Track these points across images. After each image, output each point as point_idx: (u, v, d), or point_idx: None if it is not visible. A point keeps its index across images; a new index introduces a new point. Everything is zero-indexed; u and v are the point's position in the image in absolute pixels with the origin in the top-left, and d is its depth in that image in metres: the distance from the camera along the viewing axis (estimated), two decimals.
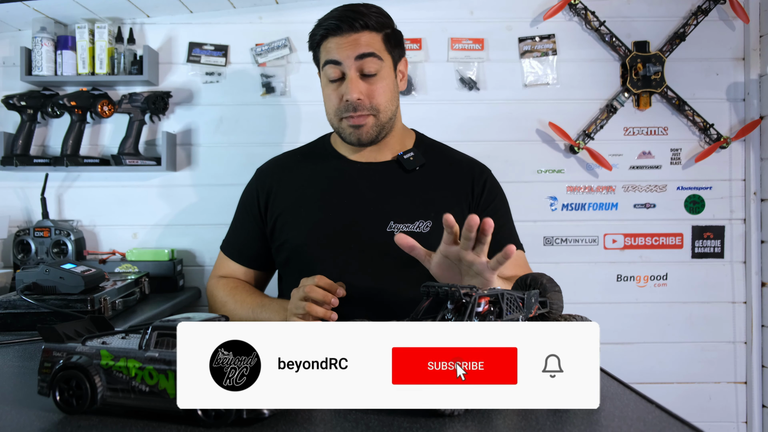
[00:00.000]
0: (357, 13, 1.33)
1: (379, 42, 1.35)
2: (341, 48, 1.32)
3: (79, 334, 0.75)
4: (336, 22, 1.32)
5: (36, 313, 1.25)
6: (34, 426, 0.67)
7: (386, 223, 1.35)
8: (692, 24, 2.09)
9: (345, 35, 1.32)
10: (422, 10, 2.10)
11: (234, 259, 1.49)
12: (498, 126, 2.10)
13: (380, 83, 1.34)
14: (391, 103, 1.38)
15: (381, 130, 1.38)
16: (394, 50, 1.39)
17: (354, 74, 1.32)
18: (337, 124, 1.38)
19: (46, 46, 1.95)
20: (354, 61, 1.32)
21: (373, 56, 1.33)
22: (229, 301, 1.40)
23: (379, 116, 1.36)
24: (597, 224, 2.14)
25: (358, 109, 1.33)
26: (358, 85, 1.32)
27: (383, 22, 1.36)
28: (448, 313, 0.81)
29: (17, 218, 2.07)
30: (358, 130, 1.35)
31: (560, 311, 0.89)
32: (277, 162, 1.53)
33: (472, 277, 1.07)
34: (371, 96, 1.34)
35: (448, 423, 0.66)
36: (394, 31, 1.39)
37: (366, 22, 1.32)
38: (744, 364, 2.14)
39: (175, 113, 2.10)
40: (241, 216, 1.51)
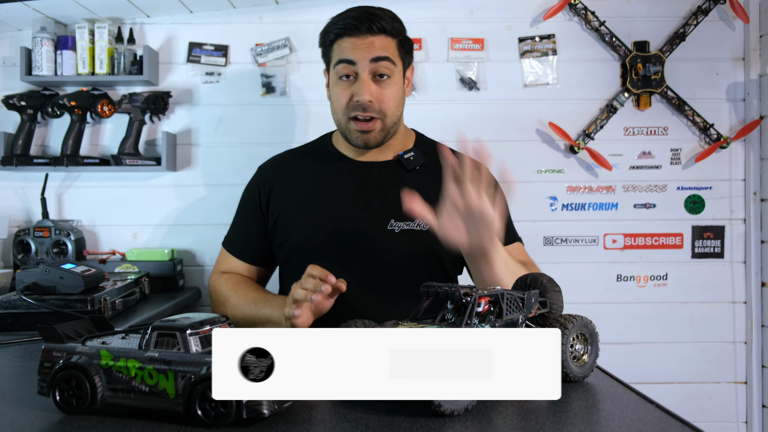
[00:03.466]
0: (375, 16, 1.33)
1: (394, 47, 1.36)
2: (357, 49, 1.33)
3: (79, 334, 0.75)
4: (354, 23, 1.33)
5: (36, 313, 1.25)
6: (34, 426, 0.67)
7: (387, 221, 1.36)
8: (692, 24, 2.09)
9: (362, 37, 1.33)
10: (422, 10, 2.10)
11: (235, 256, 1.50)
12: (498, 126, 2.10)
13: (391, 88, 1.36)
14: (398, 109, 1.40)
15: (387, 134, 1.39)
16: (406, 57, 1.41)
17: (367, 76, 1.33)
18: (345, 124, 1.38)
19: (46, 46, 1.95)
20: (369, 63, 1.33)
21: (388, 60, 1.34)
22: (232, 296, 1.41)
23: (386, 121, 1.36)
24: (597, 224, 2.14)
25: (367, 110, 1.33)
26: (370, 87, 1.33)
27: (399, 29, 1.38)
28: (448, 313, 0.81)
29: (17, 218, 2.07)
30: (366, 135, 1.36)
31: (560, 311, 0.89)
32: (279, 160, 1.53)
33: (477, 224, 1.06)
34: (381, 100, 1.34)
35: (448, 423, 0.66)
36: (406, 38, 1.41)
37: (384, 26, 1.33)
38: (744, 364, 2.14)
39: (175, 113, 2.10)
40: (243, 212, 1.51)
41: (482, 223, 1.06)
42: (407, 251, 1.35)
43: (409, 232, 1.35)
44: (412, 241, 1.35)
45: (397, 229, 1.35)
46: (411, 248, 1.35)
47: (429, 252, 1.36)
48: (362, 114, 1.34)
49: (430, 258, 1.37)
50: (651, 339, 2.13)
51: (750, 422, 2.13)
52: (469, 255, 1.16)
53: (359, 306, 1.28)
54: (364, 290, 1.31)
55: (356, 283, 1.26)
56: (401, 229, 1.35)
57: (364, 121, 1.35)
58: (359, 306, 1.28)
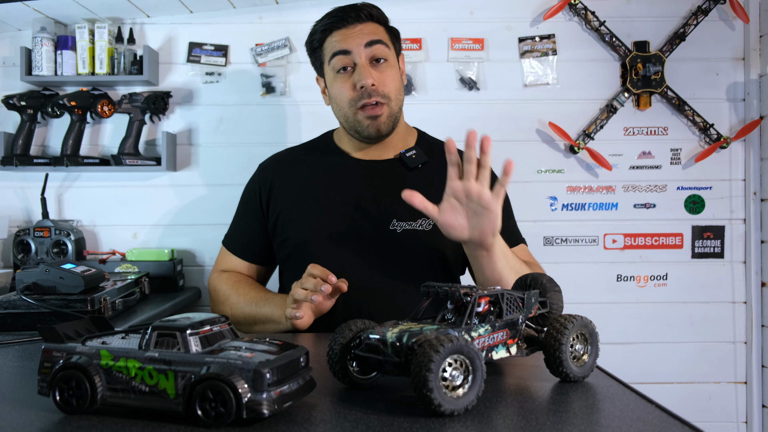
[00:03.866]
0: (359, 7, 1.36)
1: (384, 32, 1.38)
2: (349, 38, 1.34)
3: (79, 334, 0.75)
4: (340, 14, 1.35)
5: (36, 313, 1.25)
6: (34, 426, 0.67)
7: (389, 220, 1.35)
8: (692, 24, 2.09)
9: (351, 26, 1.34)
10: (422, 10, 2.10)
11: (235, 254, 1.49)
12: (498, 126, 2.10)
13: (390, 70, 1.36)
14: (400, 93, 1.40)
15: (394, 121, 1.39)
16: (396, 44, 1.42)
17: (365, 61, 1.34)
18: (353, 116, 1.36)
19: (46, 46, 1.95)
20: (364, 48, 1.33)
21: (382, 43, 1.35)
22: (232, 295, 1.40)
23: (391, 105, 1.36)
24: (597, 224, 2.14)
25: (372, 95, 1.33)
26: (370, 71, 1.34)
27: (384, 17, 1.40)
28: (448, 313, 0.81)
29: (17, 218, 2.07)
30: (376, 120, 1.35)
31: (560, 311, 0.89)
32: (280, 158, 1.53)
33: (479, 216, 1.08)
34: (382, 83, 1.34)
35: (448, 423, 0.66)
36: (392, 27, 1.43)
37: (371, 12, 1.36)
38: (744, 364, 2.14)
39: (175, 113, 2.10)
40: (243, 211, 1.51)
41: (483, 211, 1.06)
42: (409, 251, 1.35)
43: (411, 232, 1.35)
44: (413, 240, 1.35)
45: (399, 229, 1.35)
46: (413, 248, 1.35)
47: (431, 252, 1.36)
48: (368, 100, 1.33)
49: (432, 258, 1.36)
50: (651, 339, 2.13)
51: (750, 422, 2.13)
52: (470, 247, 1.16)
53: (360, 306, 1.28)
54: (365, 290, 1.30)
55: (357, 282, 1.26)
56: (403, 229, 1.35)
57: (371, 107, 1.34)
58: (360, 306, 1.28)
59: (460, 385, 0.68)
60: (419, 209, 1.12)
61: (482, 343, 0.77)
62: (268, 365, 0.64)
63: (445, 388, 0.67)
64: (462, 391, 0.68)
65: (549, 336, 0.80)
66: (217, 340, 0.70)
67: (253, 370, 0.63)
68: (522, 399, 0.75)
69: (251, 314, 1.33)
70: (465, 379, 0.68)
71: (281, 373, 0.66)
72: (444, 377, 0.67)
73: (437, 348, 0.65)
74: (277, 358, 0.66)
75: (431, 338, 0.68)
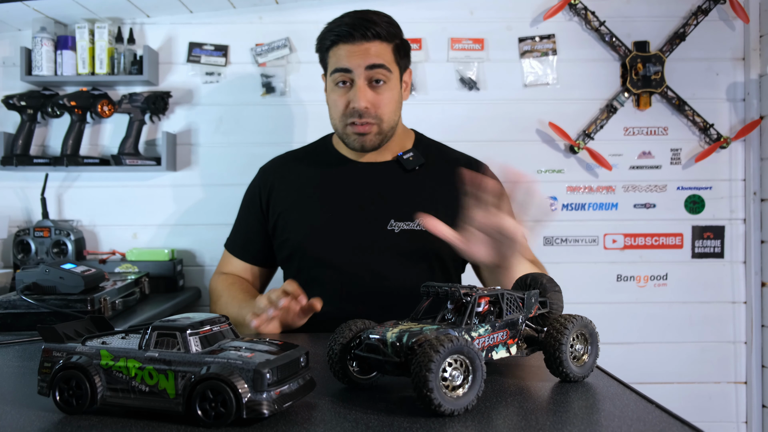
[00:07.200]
0: (370, 22, 1.33)
1: (389, 53, 1.36)
2: (352, 56, 1.33)
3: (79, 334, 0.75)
4: (348, 30, 1.33)
5: (36, 313, 1.25)
6: (34, 426, 0.67)
7: (387, 221, 1.36)
8: (692, 24, 2.09)
9: (357, 43, 1.33)
10: (422, 10, 2.10)
11: (237, 256, 1.51)
12: (498, 126, 2.10)
13: (387, 93, 1.36)
14: (395, 114, 1.40)
15: (383, 138, 1.40)
16: (402, 61, 1.41)
17: (362, 83, 1.34)
18: (342, 129, 1.39)
19: (46, 46, 1.95)
20: (364, 70, 1.33)
21: (383, 68, 1.34)
22: (224, 295, 1.43)
23: (382, 125, 1.37)
24: (597, 224, 2.14)
25: (363, 116, 1.34)
26: (366, 93, 1.34)
27: (394, 33, 1.37)
28: (448, 313, 0.81)
29: (17, 218, 2.07)
30: (363, 137, 1.37)
31: (560, 311, 0.89)
32: (280, 161, 1.54)
33: (502, 243, 1.06)
34: (377, 106, 1.35)
35: (448, 423, 0.66)
36: (403, 42, 1.40)
37: (378, 31, 1.33)
38: (744, 364, 2.14)
39: (175, 113, 2.10)
40: (244, 213, 1.53)
41: (506, 241, 1.06)
42: (407, 251, 1.35)
43: (409, 232, 1.36)
44: (411, 240, 1.35)
45: (396, 229, 1.36)
46: (411, 248, 1.35)
47: (429, 252, 1.36)
48: (359, 120, 1.35)
49: (430, 258, 1.37)
50: (651, 339, 2.12)
51: (750, 422, 2.13)
52: (490, 267, 1.17)
53: (360, 306, 1.29)
54: (365, 290, 1.31)
55: (356, 282, 1.26)
56: (401, 229, 1.36)
57: (360, 125, 1.35)
58: (360, 306, 1.29)
59: (460, 385, 0.68)
60: (442, 238, 1.10)
61: (482, 343, 0.77)
62: (268, 365, 0.64)
63: (445, 388, 0.67)
64: (462, 391, 0.68)
65: (549, 336, 0.80)
66: (217, 340, 0.70)
67: (253, 370, 0.63)
68: (522, 399, 0.75)
69: (233, 315, 1.34)
70: (465, 379, 0.68)
71: (281, 373, 0.66)
72: (444, 377, 0.67)
73: (437, 348, 0.65)
74: (277, 358, 0.66)
75: (431, 338, 0.68)
